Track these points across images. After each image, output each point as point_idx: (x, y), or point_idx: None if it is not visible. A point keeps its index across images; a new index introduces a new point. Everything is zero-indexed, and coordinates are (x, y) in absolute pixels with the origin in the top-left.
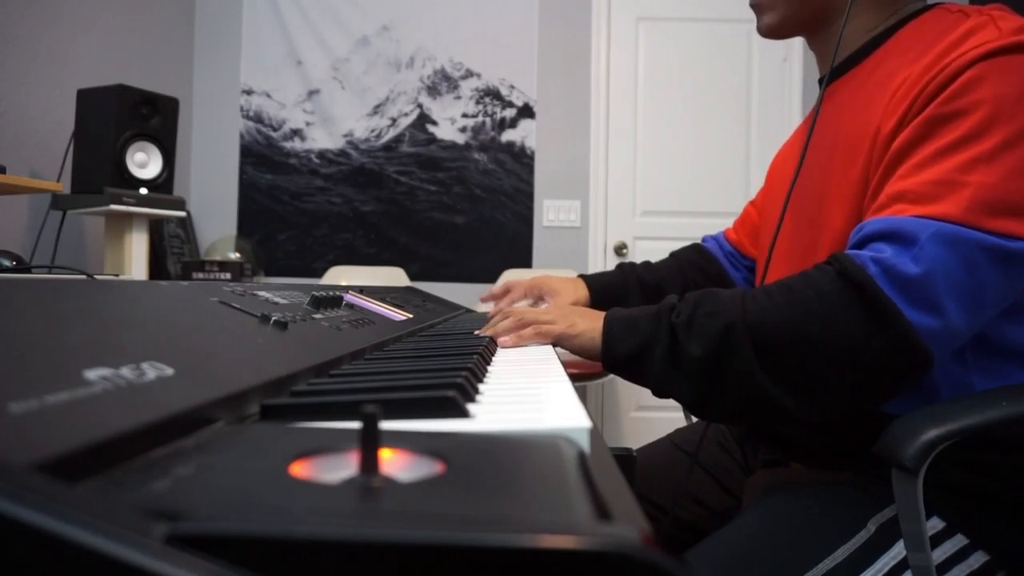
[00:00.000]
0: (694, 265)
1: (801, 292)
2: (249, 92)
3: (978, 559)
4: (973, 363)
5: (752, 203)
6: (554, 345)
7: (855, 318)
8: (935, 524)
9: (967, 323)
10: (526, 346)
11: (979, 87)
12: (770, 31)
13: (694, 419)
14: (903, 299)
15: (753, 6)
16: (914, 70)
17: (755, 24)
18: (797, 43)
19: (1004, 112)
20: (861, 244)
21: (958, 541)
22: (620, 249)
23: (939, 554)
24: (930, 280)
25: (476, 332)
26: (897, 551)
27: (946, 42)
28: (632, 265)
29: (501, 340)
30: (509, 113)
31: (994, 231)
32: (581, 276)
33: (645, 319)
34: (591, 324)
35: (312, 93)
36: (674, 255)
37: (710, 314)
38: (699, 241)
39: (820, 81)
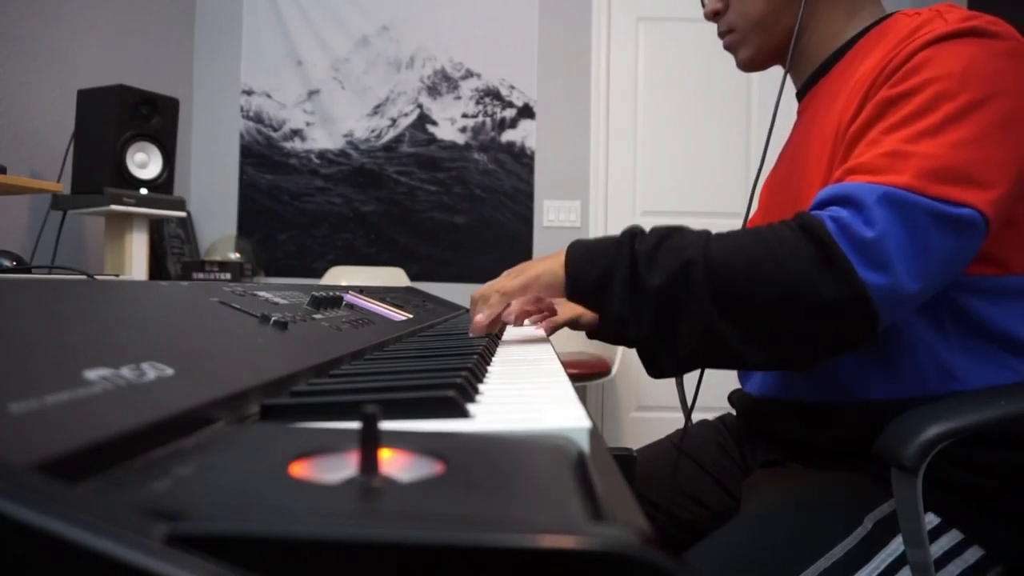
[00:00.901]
0: None
1: (765, 239)
2: (249, 92)
3: (973, 554)
4: (961, 348)
5: (750, 222)
6: (522, 296)
7: (810, 265)
8: (931, 520)
9: (914, 283)
10: (495, 315)
11: (926, 68)
12: (748, 65)
13: (693, 420)
14: (858, 258)
15: (727, 47)
16: (870, 64)
17: None
18: None
19: (949, 90)
20: (819, 207)
21: (954, 537)
22: None
23: (935, 550)
24: (883, 242)
25: (478, 337)
26: (894, 547)
27: (897, 38)
28: None
29: (477, 319)
30: (509, 113)
31: (938, 196)
32: None
33: (608, 246)
34: (552, 260)
35: (312, 93)
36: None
37: (673, 248)
38: None
39: (797, 96)
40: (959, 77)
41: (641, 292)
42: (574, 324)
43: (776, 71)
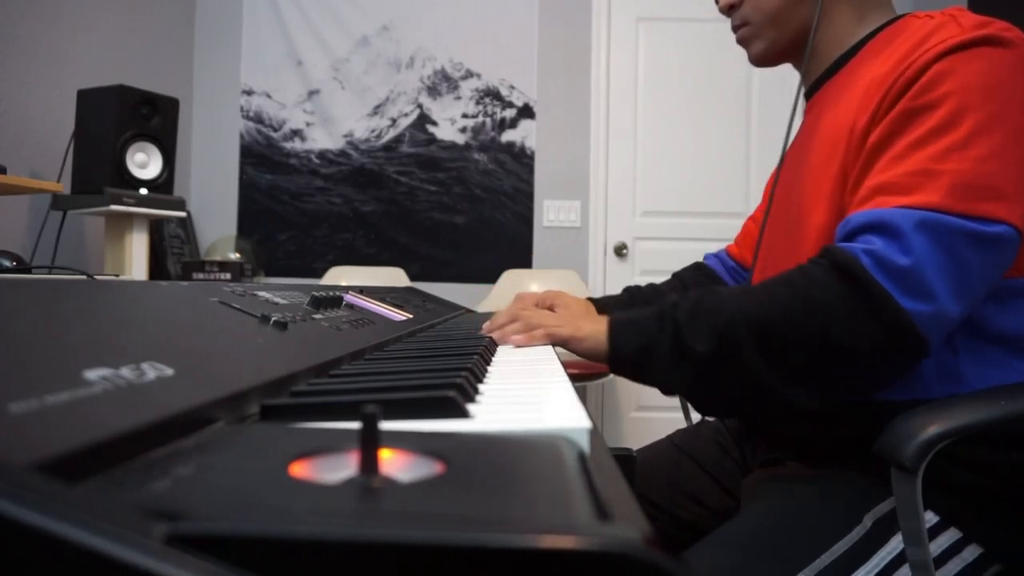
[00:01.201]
0: (698, 284)
1: (798, 285)
2: (249, 92)
3: (972, 552)
4: (961, 349)
5: (752, 218)
6: (561, 347)
7: (851, 308)
8: (930, 519)
9: (957, 306)
10: (532, 346)
11: (946, 80)
12: (761, 59)
13: (694, 420)
14: (896, 288)
15: (739, 41)
16: (883, 69)
17: None
18: None
19: (971, 102)
20: (850, 237)
21: (952, 535)
22: (620, 249)
23: (934, 548)
24: (920, 269)
25: (481, 330)
26: (893, 546)
27: (912, 41)
28: (639, 288)
29: (514, 339)
30: (509, 113)
31: (972, 215)
32: (590, 299)
33: (648, 319)
34: (596, 327)
35: (312, 93)
36: (676, 275)
37: (712, 311)
38: (700, 259)
39: (804, 95)
40: (980, 90)
41: (689, 359)
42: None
43: (778, 70)
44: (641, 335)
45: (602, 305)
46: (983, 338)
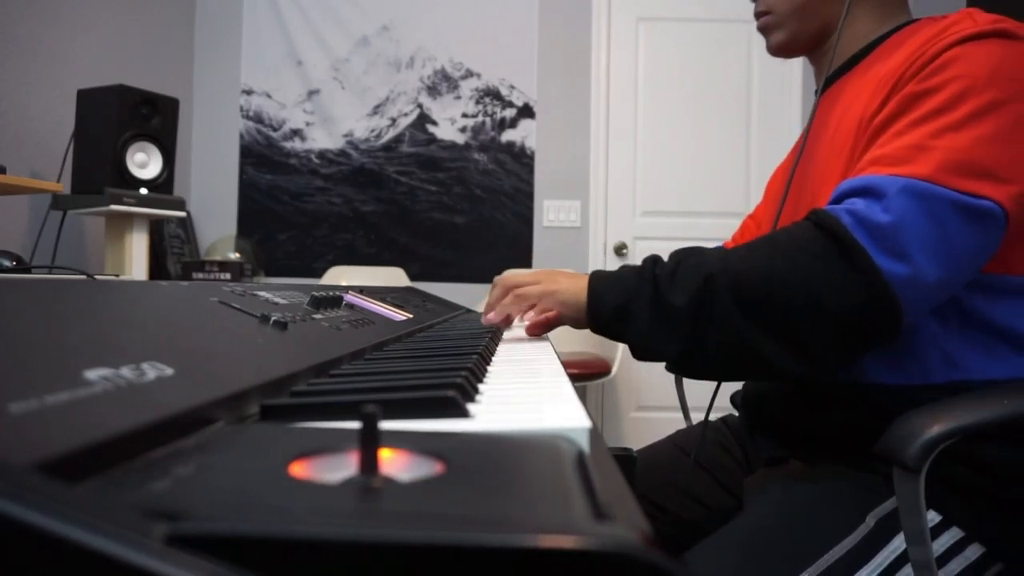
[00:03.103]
0: None
1: (780, 242)
2: (249, 92)
3: (974, 551)
4: (957, 334)
5: (751, 216)
6: (540, 304)
7: (829, 264)
8: (932, 518)
9: (936, 275)
10: (515, 313)
11: (953, 66)
12: (780, 49)
13: (694, 420)
14: (873, 245)
15: (761, 29)
16: (895, 63)
17: (755, 24)
18: None
19: (974, 88)
20: (838, 201)
21: (954, 534)
22: (620, 249)
23: (936, 547)
24: (899, 229)
25: (488, 334)
26: (896, 545)
27: (925, 36)
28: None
29: (488, 317)
30: (509, 113)
31: (961, 189)
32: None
33: (628, 274)
34: (574, 282)
35: (312, 93)
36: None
37: (693, 266)
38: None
39: (816, 92)
40: (985, 76)
41: (667, 313)
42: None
43: (777, 68)
44: (620, 290)
45: None
46: (985, 332)
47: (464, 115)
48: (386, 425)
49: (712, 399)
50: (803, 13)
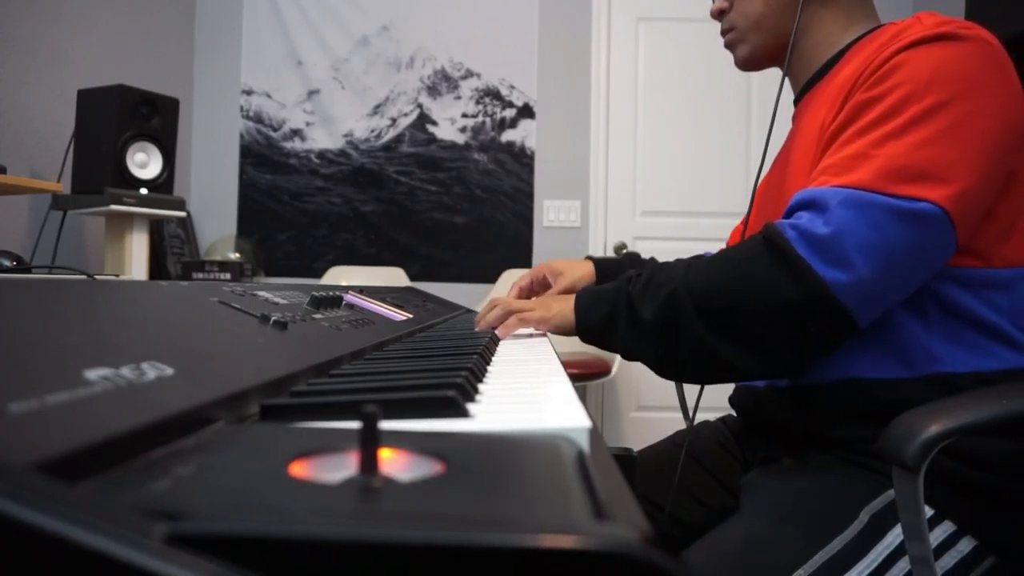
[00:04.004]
0: None
1: (733, 256)
2: (249, 92)
3: (967, 545)
4: (939, 332)
5: (743, 222)
6: (535, 328)
7: (772, 275)
8: (925, 512)
9: (877, 278)
10: (509, 332)
11: (896, 73)
12: (746, 63)
13: (694, 421)
14: (816, 257)
15: (727, 45)
16: (850, 68)
17: None
18: None
19: (916, 93)
20: (788, 214)
21: (946, 528)
22: (620, 249)
23: (930, 541)
24: (838, 239)
25: (486, 336)
26: (890, 540)
27: (878, 44)
28: (639, 255)
29: (497, 332)
30: (509, 113)
31: (898, 195)
32: (589, 257)
33: (609, 291)
34: (564, 305)
35: (312, 93)
36: (679, 261)
37: (660, 282)
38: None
39: (794, 102)
40: (926, 80)
41: (640, 326)
42: (569, 293)
43: (776, 73)
44: (602, 306)
45: (599, 262)
46: (964, 325)
47: (464, 115)
48: (386, 425)
49: (697, 399)
50: (762, 27)
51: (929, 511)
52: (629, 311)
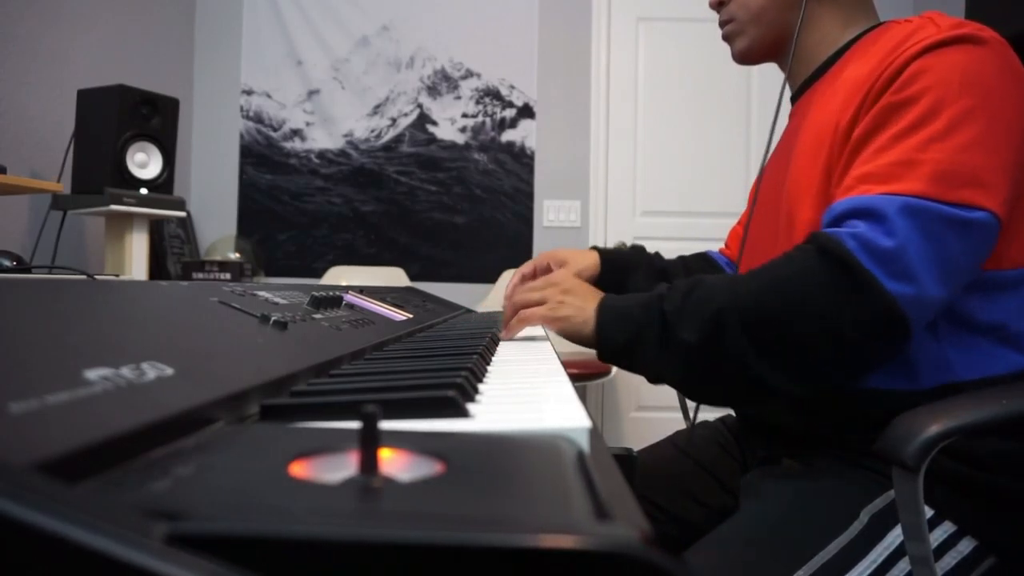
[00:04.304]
0: (701, 271)
1: (785, 271)
2: (249, 92)
3: (967, 545)
4: (946, 339)
5: (741, 223)
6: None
7: (837, 291)
8: (925, 512)
9: (939, 289)
10: (525, 337)
11: (925, 76)
12: (743, 56)
13: (694, 421)
14: (881, 271)
15: (724, 37)
16: (865, 69)
17: None
18: None
19: (949, 96)
20: (835, 223)
21: (947, 528)
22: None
23: (929, 541)
24: (904, 251)
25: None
26: (890, 541)
27: (892, 43)
28: (643, 248)
29: (500, 336)
30: (509, 113)
31: (953, 202)
32: (595, 248)
33: (636, 308)
34: (581, 305)
35: (312, 93)
36: (680, 257)
37: (700, 300)
38: (706, 251)
39: (791, 99)
40: (957, 83)
41: (675, 348)
42: None
43: (777, 69)
44: (627, 325)
45: (605, 253)
46: (972, 330)
47: (464, 115)
48: (386, 425)
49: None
50: (762, 20)
51: (929, 511)
52: (663, 331)
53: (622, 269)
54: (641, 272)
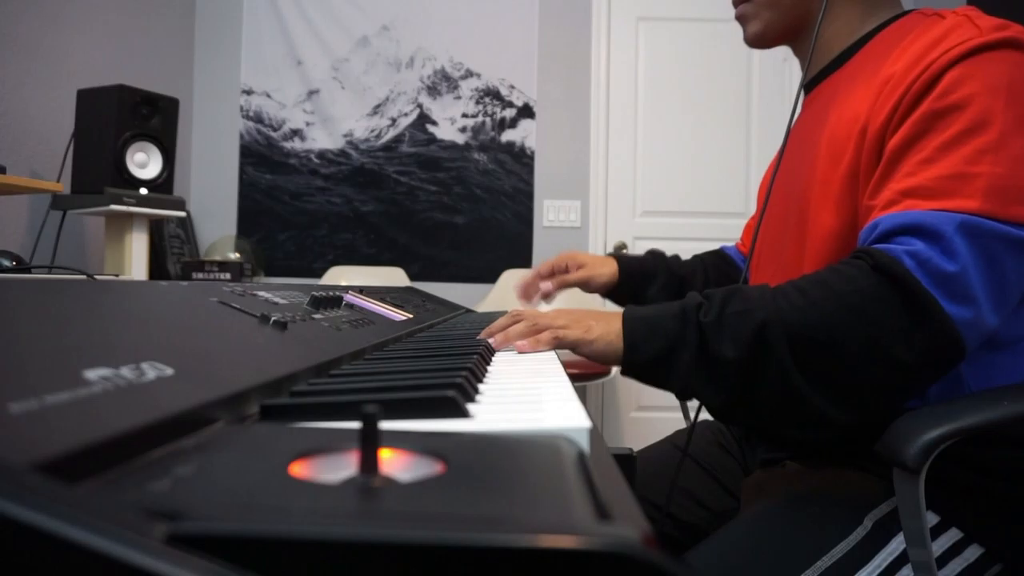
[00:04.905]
0: (717, 268)
1: (837, 287)
2: (249, 92)
3: (973, 552)
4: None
5: (753, 218)
6: (570, 350)
7: (894, 313)
8: (930, 519)
9: (995, 312)
10: (537, 351)
11: (969, 82)
12: (756, 40)
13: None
14: (941, 293)
15: (738, 18)
16: (897, 68)
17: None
18: None
19: (998, 104)
20: (883, 239)
21: (953, 535)
22: (620, 249)
23: (935, 548)
24: (965, 275)
25: (488, 341)
26: (894, 547)
27: (926, 41)
28: (662, 253)
29: (518, 345)
30: (509, 113)
31: (1011, 220)
32: (612, 255)
33: (668, 319)
34: (606, 327)
35: (312, 93)
36: (698, 256)
37: (741, 312)
38: (721, 248)
39: (803, 87)
40: (1005, 92)
41: (715, 365)
42: (584, 285)
43: (778, 68)
44: (661, 337)
45: (622, 260)
46: (988, 345)
47: (464, 115)
48: (386, 425)
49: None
50: (780, 5)
51: (935, 518)
52: (700, 346)
53: (640, 277)
54: (660, 280)
